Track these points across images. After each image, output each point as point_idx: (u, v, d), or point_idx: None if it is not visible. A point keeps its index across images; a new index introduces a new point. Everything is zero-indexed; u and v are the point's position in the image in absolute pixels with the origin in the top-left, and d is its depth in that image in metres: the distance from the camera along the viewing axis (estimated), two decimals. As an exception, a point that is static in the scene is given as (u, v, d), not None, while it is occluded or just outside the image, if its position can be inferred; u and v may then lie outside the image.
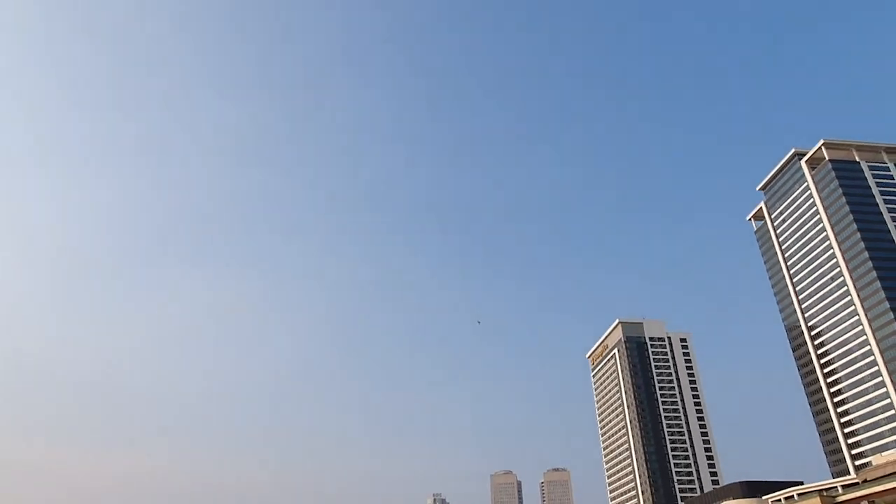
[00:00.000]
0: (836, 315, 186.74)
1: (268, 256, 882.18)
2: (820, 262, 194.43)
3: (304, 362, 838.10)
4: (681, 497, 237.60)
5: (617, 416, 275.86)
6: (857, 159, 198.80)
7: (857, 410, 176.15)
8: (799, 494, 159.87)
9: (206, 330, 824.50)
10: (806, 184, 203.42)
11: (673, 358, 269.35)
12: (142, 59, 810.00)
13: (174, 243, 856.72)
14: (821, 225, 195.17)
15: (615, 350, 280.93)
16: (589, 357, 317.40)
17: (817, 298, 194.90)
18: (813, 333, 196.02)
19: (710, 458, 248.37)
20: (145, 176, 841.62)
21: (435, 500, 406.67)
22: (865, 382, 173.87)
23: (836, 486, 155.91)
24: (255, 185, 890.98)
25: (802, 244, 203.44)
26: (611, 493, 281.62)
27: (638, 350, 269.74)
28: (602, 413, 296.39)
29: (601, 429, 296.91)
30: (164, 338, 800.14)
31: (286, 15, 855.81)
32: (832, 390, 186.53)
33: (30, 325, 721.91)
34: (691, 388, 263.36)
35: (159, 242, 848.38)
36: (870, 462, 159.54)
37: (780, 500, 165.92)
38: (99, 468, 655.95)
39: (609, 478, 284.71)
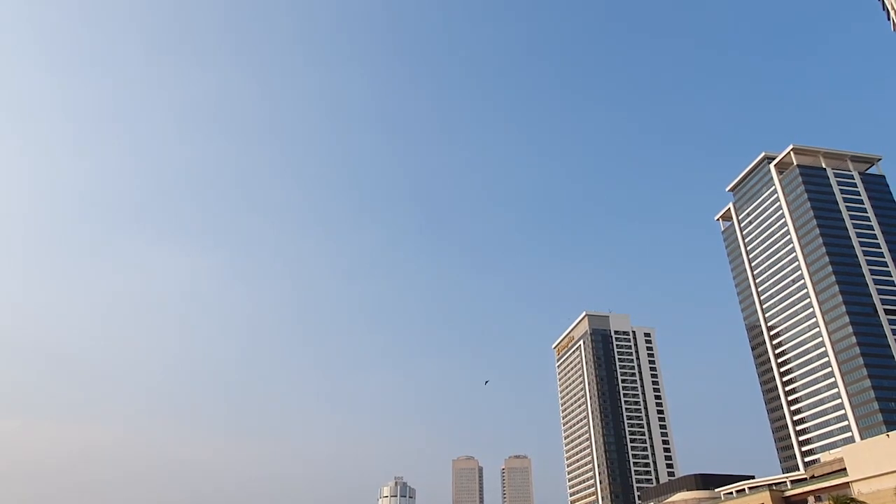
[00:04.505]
0: (794, 317, 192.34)
1: (235, 232, 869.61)
2: (782, 265, 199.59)
3: (267, 339, 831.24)
4: (637, 487, 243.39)
5: (579, 406, 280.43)
6: (824, 166, 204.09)
7: (810, 409, 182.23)
8: (750, 488, 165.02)
9: (170, 304, 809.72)
10: (774, 187, 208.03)
11: (636, 351, 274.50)
12: (115, 21, 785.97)
13: (142, 215, 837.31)
14: (785, 228, 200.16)
15: (581, 342, 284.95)
16: (555, 347, 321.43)
17: (778, 300, 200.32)
18: (772, 333, 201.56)
19: (667, 450, 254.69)
20: (115, 145, 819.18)
21: (397, 482, 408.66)
22: (819, 382, 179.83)
23: (785, 481, 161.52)
24: (224, 159, 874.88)
25: (767, 246, 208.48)
26: (570, 481, 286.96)
27: (603, 342, 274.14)
28: (565, 403, 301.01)
29: (563, 418, 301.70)
30: (126, 311, 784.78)
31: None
32: (787, 389, 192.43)
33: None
34: (652, 381, 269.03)
35: (127, 214, 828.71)
36: (818, 459, 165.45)
37: (731, 493, 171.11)
38: (60, 440, 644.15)
39: (568, 466, 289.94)
